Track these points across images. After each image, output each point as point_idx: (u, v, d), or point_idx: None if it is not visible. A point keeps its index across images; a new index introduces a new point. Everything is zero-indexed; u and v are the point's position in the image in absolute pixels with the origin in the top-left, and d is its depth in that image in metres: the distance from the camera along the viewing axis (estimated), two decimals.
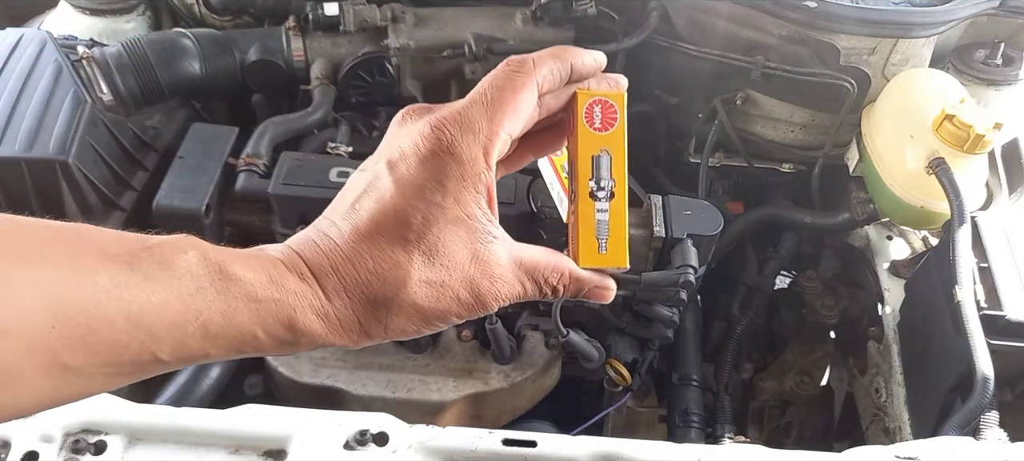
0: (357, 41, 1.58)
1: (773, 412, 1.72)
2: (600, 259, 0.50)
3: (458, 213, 0.46)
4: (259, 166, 1.32)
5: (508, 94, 0.47)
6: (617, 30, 1.63)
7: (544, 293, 0.50)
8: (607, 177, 0.50)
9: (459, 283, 0.47)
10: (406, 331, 0.47)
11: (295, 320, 0.44)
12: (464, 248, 0.47)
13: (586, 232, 0.50)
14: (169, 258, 0.42)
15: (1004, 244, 1.25)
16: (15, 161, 1.18)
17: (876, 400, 1.42)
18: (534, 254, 0.50)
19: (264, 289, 0.44)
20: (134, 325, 0.40)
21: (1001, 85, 1.51)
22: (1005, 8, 1.50)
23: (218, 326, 0.42)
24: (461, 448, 0.88)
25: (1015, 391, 1.19)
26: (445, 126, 0.46)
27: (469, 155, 0.46)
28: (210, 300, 0.42)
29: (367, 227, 0.46)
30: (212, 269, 0.43)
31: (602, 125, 0.50)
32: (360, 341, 0.47)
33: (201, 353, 0.43)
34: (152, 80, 1.41)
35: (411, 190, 0.46)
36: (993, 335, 1.13)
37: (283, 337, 0.45)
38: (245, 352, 0.44)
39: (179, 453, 0.87)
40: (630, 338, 1.36)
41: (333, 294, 0.45)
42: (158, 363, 0.42)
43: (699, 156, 1.64)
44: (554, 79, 0.50)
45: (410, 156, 0.47)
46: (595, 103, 0.51)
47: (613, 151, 0.50)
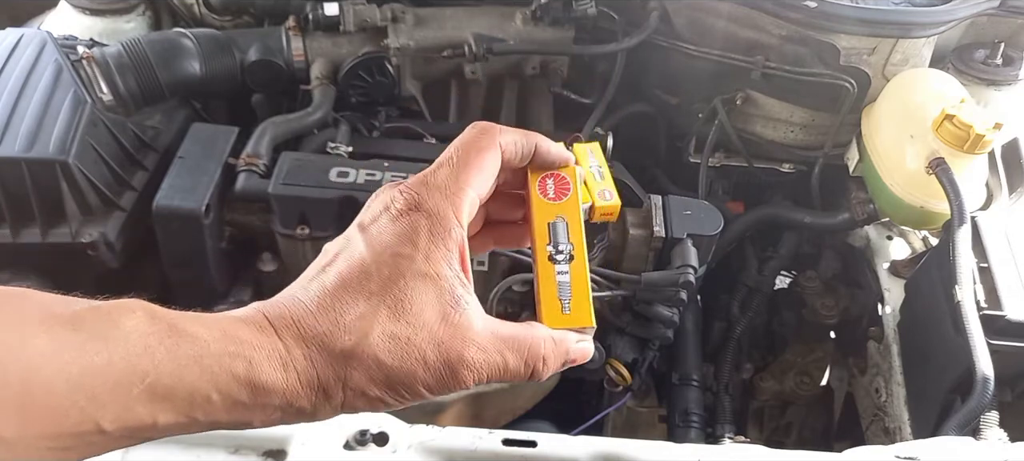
0: (357, 41, 1.58)
1: (773, 412, 1.72)
2: (564, 319, 0.49)
3: (427, 270, 0.45)
4: (259, 166, 1.32)
5: (473, 155, 0.48)
6: (617, 30, 1.63)
7: (531, 366, 0.47)
8: (565, 241, 0.51)
9: (426, 342, 0.44)
10: (367, 394, 0.44)
11: (251, 372, 0.41)
12: (432, 307, 0.44)
13: (548, 294, 0.50)
14: (116, 318, 0.40)
15: (1004, 244, 1.25)
16: (15, 161, 1.18)
17: (876, 400, 1.42)
18: (511, 327, 0.47)
19: (218, 343, 0.41)
20: (74, 389, 0.37)
21: (1001, 85, 1.51)
22: (1005, 8, 1.50)
23: (166, 388, 0.39)
24: (461, 448, 0.88)
25: (1015, 391, 1.19)
26: (414, 188, 0.47)
27: (438, 211, 0.46)
28: (158, 359, 0.39)
29: (334, 284, 0.44)
30: (161, 327, 0.40)
31: (556, 195, 0.52)
32: (318, 405, 0.44)
33: (149, 421, 0.40)
34: (152, 80, 1.41)
35: (380, 246, 0.45)
36: (993, 335, 1.13)
37: (238, 397, 0.41)
38: (197, 420, 0.41)
39: (179, 453, 0.87)
40: (630, 338, 1.36)
41: (292, 344, 0.43)
42: (101, 435, 0.38)
43: (699, 156, 1.64)
44: (516, 150, 0.51)
45: (382, 218, 0.46)
46: (547, 177, 0.52)
47: (569, 217, 0.51)
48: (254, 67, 1.52)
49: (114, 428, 0.39)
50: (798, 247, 1.68)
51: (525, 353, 0.47)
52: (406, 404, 0.45)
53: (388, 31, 1.56)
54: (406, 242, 0.45)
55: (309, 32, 1.57)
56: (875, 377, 1.44)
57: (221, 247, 1.34)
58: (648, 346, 1.36)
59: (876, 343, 1.45)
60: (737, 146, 1.62)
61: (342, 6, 1.55)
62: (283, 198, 1.26)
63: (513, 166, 0.52)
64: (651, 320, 1.31)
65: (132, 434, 0.40)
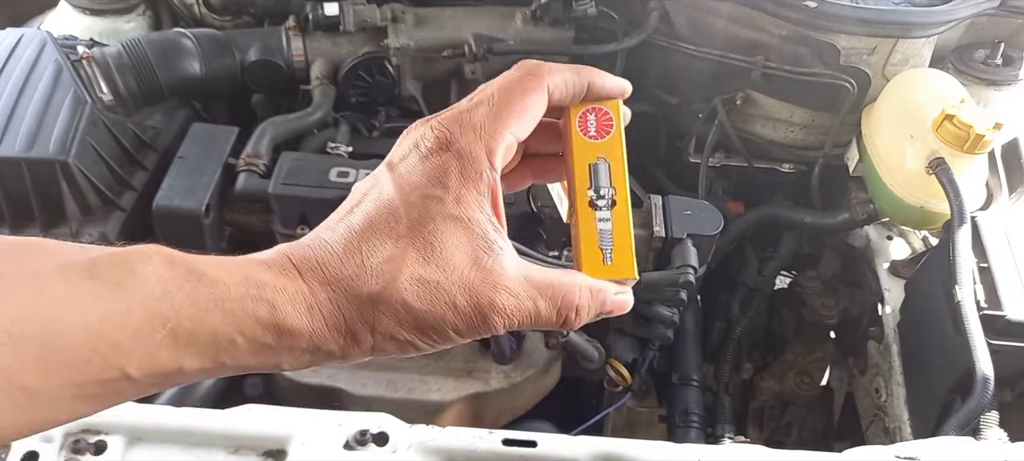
0: (357, 41, 1.58)
1: (773, 412, 1.72)
2: (606, 270, 0.47)
3: (458, 213, 0.43)
4: (259, 166, 1.32)
5: (516, 96, 0.45)
6: (617, 30, 1.63)
7: (563, 316, 0.45)
8: (606, 185, 0.47)
9: (457, 287, 0.42)
10: (396, 338, 0.43)
11: (276, 316, 0.40)
12: (463, 251, 0.43)
13: (588, 243, 0.47)
14: (133, 264, 0.39)
15: (1004, 244, 1.25)
16: (15, 161, 1.18)
17: (876, 400, 1.42)
18: (545, 272, 0.45)
19: (239, 287, 0.40)
20: (94, 337, 0.37)
21: (1001, 85, 1.51)
22: (1005, 8, 1.50)
23: (188, 332, 0.39)
24: (461, 448, 0.88)
25: (1015, 391, 1.19)
26: (447, 124, 0.44)
27: (471, 152, 0.43)
28: (178, 304, 0.38)
29: (361, 226, 0.43)
30: (180, 272, 0.39)
31: (597, 133, 0.48)
32: (347, 347, 0.43)
33: (174, 366, 0.39)
34: (152, 80, 1.41)
35: (409, 186, 0.43)
36: (993, 335, 1.13)
37: (263, 340, 0.40)
38: (224, 364, 0.40)
39: (179, 453, 0.87)
40: (630, 338, 1.36)
41: (318, 287, 0.42)
42: (128, 381, 0.38)
43: (699, 156, 1.64)
44: (567, 90, 0.47)
45: (411, 156, 0.44)
46: (589, 111, 0.48)
47: (611, 158, 0.48)
48: (254, 67, 1.52)
49: (140, 374, 0.38)
50: (798, 247, 1.68)
51: (559, 301, 0.45)
52: (438, 347, 0.44)
53: (388, 31, 1.56)
54: (436, 183, 0.43)
55: (309, 32, 1.57)
56: (875, 377, 1.44)
57: (221, 247, 1.34)
58: (648, 346, 1.36)
59: (876, 343, 1.45)
60: (737, 146, 1.62)
61: (342, 6, 1.55)
62: (283, 198, 1.26)
63: (564, 105, 0.49)
64: (651, 320, 1.31)
65: (160, 380, 0.39)
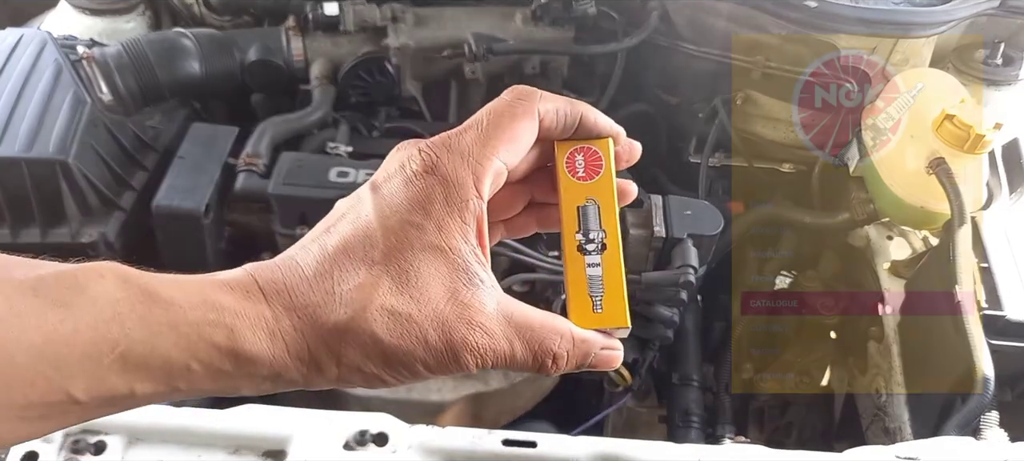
0: (357, 41, 1.58)
1: (773, 412, 1.72)
2: (596, 319, 0.44)
3: (438, 242, 0.41)
4: (259, 166, 1.32)
5: (505, 120, 0.43)
6: (617, 30, 1.63)
7: (539, 361, 0.43)
8: (596, 229, 0.45)
9: (429, 322, 0.40)
10: (363, 371, 0.40)
11: (234, 341, 0.38)
12: (441, 283, 0.40)
13: (577, 289, 0.44)
14: (82, 282, 0.37)
15: (1004, 244, 1.25)
16: (15, 161, 1.18)
17: (876, 400, 1.42)
18: (528, 312, 0.43)
19: (195, 310, 0.38)
20: (36, 358, 0.35)
21: (1001, 85, 1.51)
22: (1005, 8, 1.50)
23: (140, 357, 0.36)
24: (461, 448, 0.88)
25: (1015, 391, 1.19)
26: (434, 148, 0.42)
27: (457, 178, 0.41)
28: (129, 327, 0.36)
29: (335, 248, 0.41)
30: (133, 292, 0.37)
31: (586, 174, 0.46)
32: (310, 377, 0.40)
33: (125, 390, 0.37)
34: (152, 80, 1.41)
35: (389, 210, 0.41)
36: (993, 335, 1.13)
37: (220, 366, 0.38)
38: (178, 389, 0.38)
39: (179, 453, 0.87)
40: (630, 338, 1.36)
41: (282, 313, 0.39)
42: (75, 404, 0.36)
43: (699, 156, 1.64)
44: (559, 119, 0.45)
45: (395, 178, 0.42)
46: (577, 151, 0.46)
47: (601, 200, 0.46)
48: (254, 67, 1.52)
49: (88, 398, 0.36)
50: (798, 247, 1.68)
51: (536, 346, 0.42)
52: (406, 382, 0.42)
53: (388, 31, 1.56)
54: (417, 209, 0.41)
55: (309, 32, 1.57)
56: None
57: (221, 247, 1.34)
58: (648, 346, 1.36)
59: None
60: (737, 146, 1.62)
61: (342, 6, 1.55)
62: (283, 198, 1.26)
63: (554, 137, 0.47)
64: (651, 320, 1.31)
65: (110, 403, 0.37)
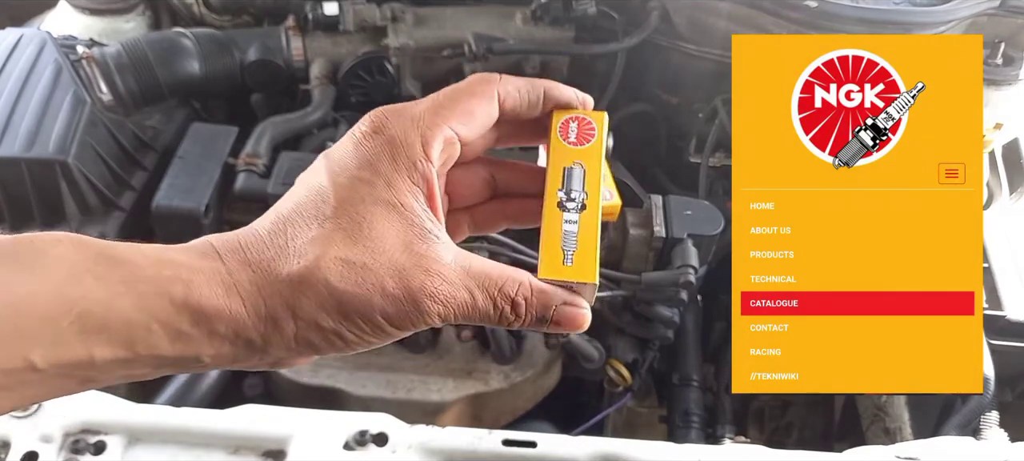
0: (357, 41, 1.58)
1: (773, 412, 1.72)
2: (564, 271, 0.44)
3: (389, 197, 0.41)
4: (259, 166, 1.32)
5: (462, 96, 0.44)
6: (617, 29, 1.63)
7: (500, 309, 0.43)
8: (579, 189, 0.46)
9: (385, 270, 0.40)
10: (321, 325, 0.40)
11: (190, 295, 0.38)
12: (395, 235, 0.41)
13: (551, 242, 0.44)
14: (40, 247, 0.37)
15: (1004, 244, 1.25)
16: (15, 161, 1.18)
17: (876, 400, 1.42)
18: (486, 264, 0.43)
19: (152, 268, 0.38)
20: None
21: (1001, 85, 1.51)
22: (1005, 8, 1.50)
23: (99, 318, 0.36)
24: (461, 448, 0.88)
25: (1015, 391, 1.19)
26: (382, 111, 0.43)
27: (405, 139, 0.42)
28: (87, 286, 0.36)
29: (288, 210, 0.42)
30: (89, 254, 0.37)
31: (577, 140, 0.47)
32: (268, 334, 0.40)
33: (85, 356, 0.37)
34: (152, 80, 1.41)
35: (339, 169, 0.42)
36: (993, 335, 1.13)
37: (179, 325, 0.38)
38: (139, 354, 0.38)
39: (179, 453, 0.87)
40: (630, 338, 1.36)
41: (237, 267, 0.39)
42: (34, 373, 0.36)
43: (699, 156, 1.64)
44: (520, 98, 0.46)
45: (346, 141, 0.43)
46: (571, 120, 0.48)
47: (587, 165, 0.47)
48: (254, 67, 1.52)
49: (47, 364, 0.36)
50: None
51: (495, 292, 0.42)
52: (367, 341, 0.41)
53: (388, 31, 1.56)
54: (366, 166, 0.42)
55: (308, 32, 1.57)
56: None
57: None
58: (648, 346, 1.36)
59: None
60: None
61: (342, 6, 1.55)
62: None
63: (519, 116, 0.47)
64: (651, 320, 1.31)
65: (69, 371, 0.37)
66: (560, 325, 0.45)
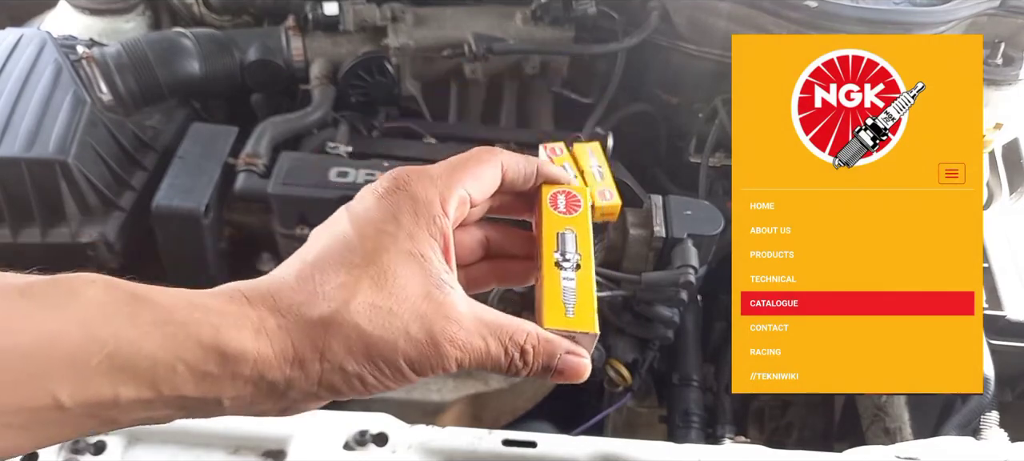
0: (357, 41, 1.58)
1: (773, 412, 1.72)
2: (567, 321, 0.47)
3: (410, 248, 0.44)
4: (259, 166, 1.32)
5: (471, 162, 0.48)
6: (617, 29, 1.63)
7: (511, 357, 0.45)
8: (572, 251, 0.50)
9: (410, 315, 0.42)
10: (345, 368, 0.42)
11: (219, 339, 0.39)
12: (416, 283, 0.43)
13: (552, 296, 0.48)
14: (74, 287, 0.38)
15: (1004, 244, 1.25)
16: (15, 161, 1.18)
17: (876, 400, 1.42)
18: (496, 314, 0.46)
19: (182, 311, 0.39)
20: (25, 358, 0.35)
21: (1001, 85, 1.51)
22: (1005, 8, 1.50)
23: (126, 358, 0.37)
24: (461, 448, 0.88)
25: (1015, 391, 1.19)
26: (403, 171, 0.47)
27: (425, 196, 0.45)
28: (117, 325, 0.37)
29: (315, 257, 0.43)
30: (121, 296, 0.38)
31: (566, 209, 0.52)
32: (293, 377, 0.41)
33: (110, 395, 0.37)
34: (152, 80, 1.41)
35: (363, 221, 0.45)
36: (993, 335, 1.13)
37: (205, 367, 0.39)
38: (161, 394, 0.38)
39: (179, 453, 0.87)
40: (630, 338, 1.36)
41: (267, 314, 0.41)
42: (59, 411, 0.36)
43: (699, 156, 1.64)
44: (519, 170, 0.51)
45: (367, 196, 0.46)
46: (559, 193, 0.53)
47: (578, 231, 0.51)
48: (254, 67, 1.52)
49: (73, 403, 0.36)
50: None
51: (506, 340, 0.45)
52: (386, 385, 0.43)
53: (388, 31, 1.56)
54: (390, 219, 0.44)
55: (308, 32, 1.57)
56: None
57: (220, 247, 1.34)
58: (648, 346, 1.36)
59: None
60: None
61: (342, 6, 1.55)
62: (283, 198, 1.26)
63: (515, 188, 0.52)
64: (651, 320, 1.31)
65: (93, 411, 0.37)
66: (563, 374, 0.47)
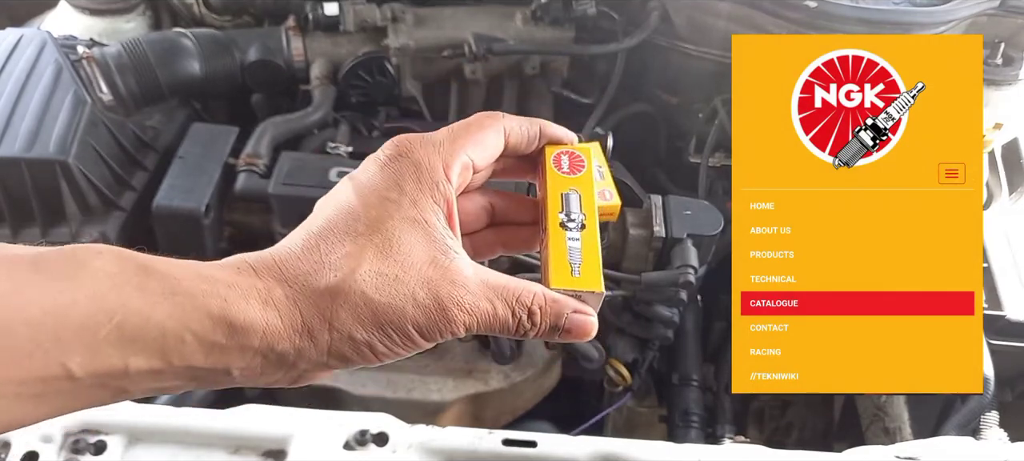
0: (357, 41, 1.58)
1: (773, 412, 1.72)
2: (573, 281, 0.47)
3: (414, 215, 0.44)
4: (259, 166, 1.32)
5: (473, 128, 0.48)
6: (617, 30, 1.63)
7: (518, 319, 0.45)
8: (577, 211, 0.50)
9: (416, 281, 0.42)
10: (354, 337, 0.42)
11: (227, 310, 0.39)
12: (422, 249, 0.43)
13: (558, 257, 0.48)
14: (82, 258, 0.38)
15: (1004, 244, 1.25)
16: (15, 161, 1.18)
17: (876, 400, 1.42)
18: (501, 276, 0.46)
19: (190, 282, 0.39)
20: (36, 330, 0.35)
21: (1001, 85, 1.51)
22: (1005, 8, 1.50)
23: (136, 327, 0.37)
24: (461, 448, 0.88)
25: (1015, 391, 1.19)
26: (405, 138, 0.47)
27: (427, 162, 0.45)
28: (127, 296, 0.37)
29: (320, 228, 0.44)
30: (130, 266, 0.39)
31: (570, 170, 0.52)
32: (302, 347, 0.41)
33: (120, 365, 0.37)
34: (152, 80, 1.41)
35: (367, 190, 0.45)
36: (993, 335, 1.13)
37: (213, 337, 0.39)
38: (171, 364, 0.39)
39: (179, 453, 0.87)
40: (630, 338, 1.36)
41: (274, 284, 0.41)
42: (70, 381, 0.36)
43: (699, 156, 1.64)
44: (522, 133, 0.51)
45: (370, 165, 0.46)
46: (563, 153, 0.52)
47: (582, 191, 0.51)
48: (254, 67, 1.52)
49: (83, 373, 0.37)
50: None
51: (513, 302, 0.45)
52: (396, 352, 0.43)
53: (388, 31, 1.56)
54: (393, 187, 0.44)
55: (309, 32, 1.57)
56: None
57: (221, 247, 1.34)
58: (648, 346, 1.36)
59: None
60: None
61: (342, 6, 1.55)
62: (283, 198, 1.26)
63: (519, 151, 0.51)
64: (651, 320, 1.31)
65: (103, 381, 0.38)
66: (571, 333, 0.47)
